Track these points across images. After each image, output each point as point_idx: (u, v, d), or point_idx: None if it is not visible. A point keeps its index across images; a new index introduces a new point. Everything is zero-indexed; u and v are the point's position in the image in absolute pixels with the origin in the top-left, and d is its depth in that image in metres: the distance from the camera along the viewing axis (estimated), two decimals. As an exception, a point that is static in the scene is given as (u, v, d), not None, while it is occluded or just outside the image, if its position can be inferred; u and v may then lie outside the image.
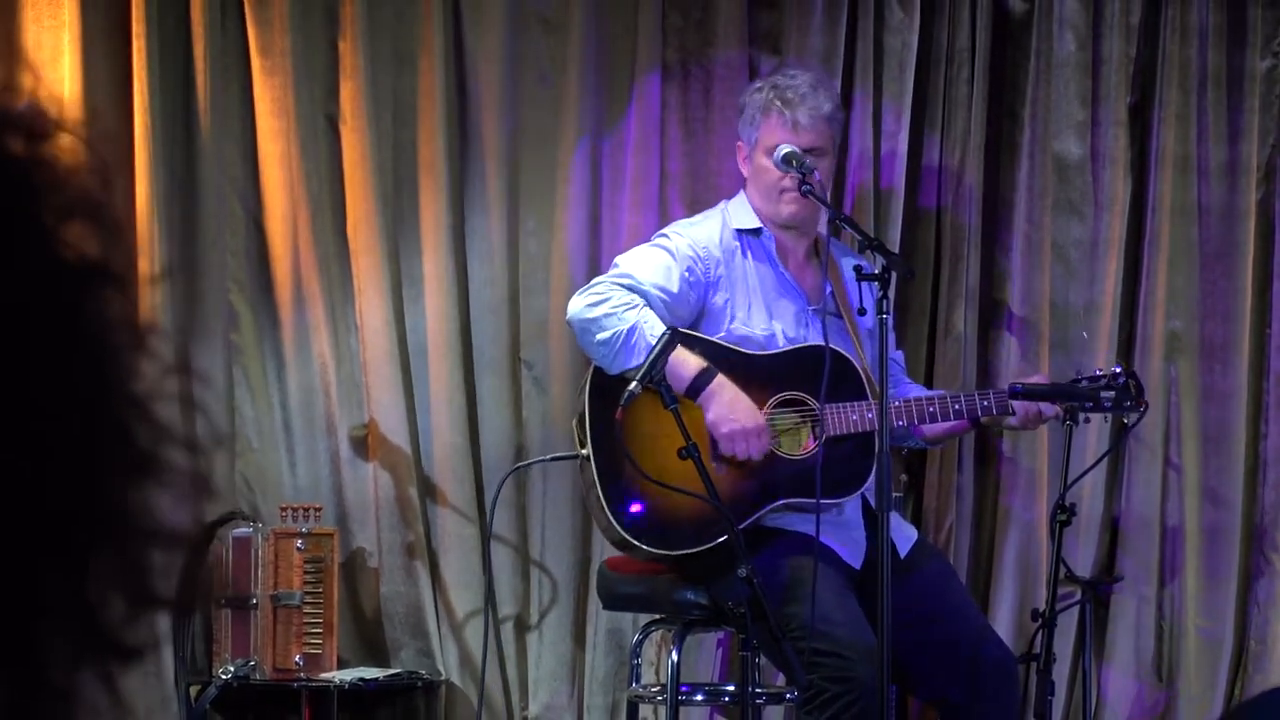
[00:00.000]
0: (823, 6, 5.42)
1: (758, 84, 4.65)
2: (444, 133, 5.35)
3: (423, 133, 5.38)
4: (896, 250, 5.26)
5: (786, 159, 4.39)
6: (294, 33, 5.32)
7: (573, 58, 5.40)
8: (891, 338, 4.72)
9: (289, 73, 5.31)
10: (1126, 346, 5.45)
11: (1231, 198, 5.47)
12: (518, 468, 5.15)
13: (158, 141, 5.19)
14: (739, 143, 4.61)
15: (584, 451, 4.33)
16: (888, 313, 4.14)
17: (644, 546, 4.32)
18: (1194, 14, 5.46)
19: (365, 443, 5.36)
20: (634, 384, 3.96)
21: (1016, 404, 4.38)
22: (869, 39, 5.42)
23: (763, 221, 4.52)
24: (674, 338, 4.04)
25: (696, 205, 5.21)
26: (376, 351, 5.33)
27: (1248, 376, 5.44)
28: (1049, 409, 4.41)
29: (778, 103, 4.48)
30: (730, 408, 4.29)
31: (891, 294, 4.22)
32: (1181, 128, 5.47)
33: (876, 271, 4.17)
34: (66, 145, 0.99)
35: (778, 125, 4.47)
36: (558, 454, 4.81)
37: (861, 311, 4.32)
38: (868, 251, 4.33)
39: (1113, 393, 4.44)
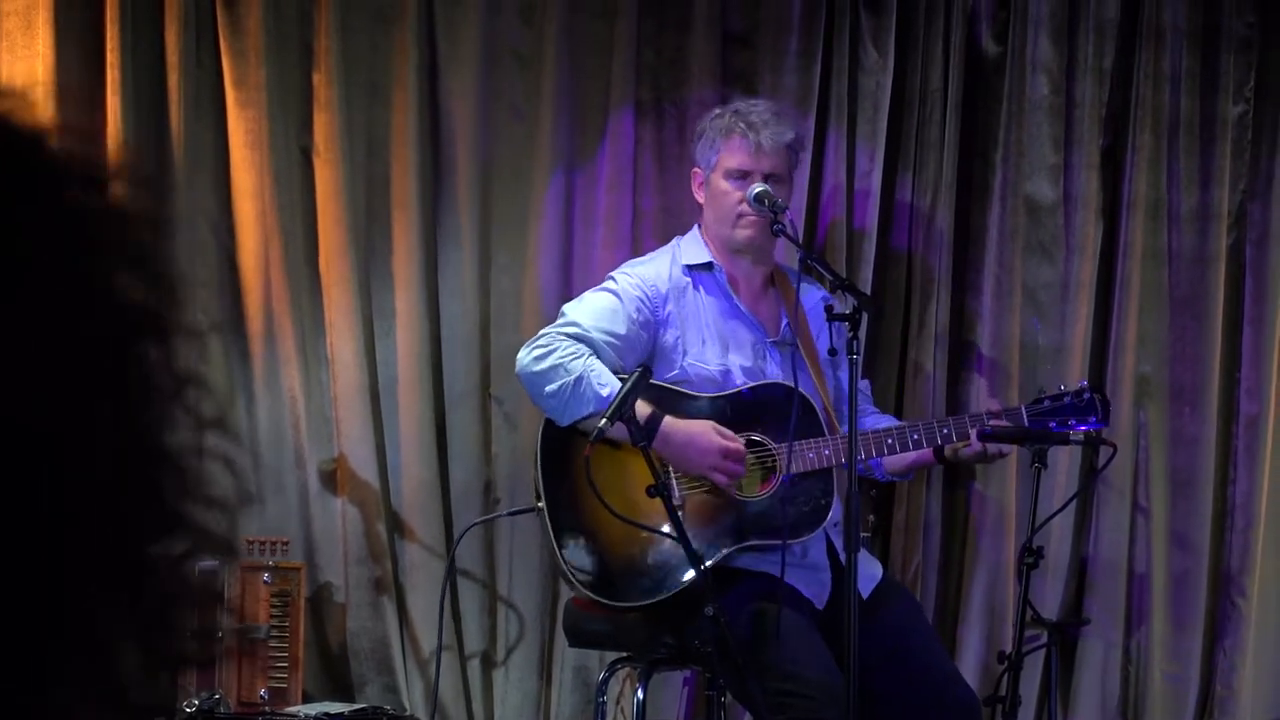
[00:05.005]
0: (797, 47, 5.43)
1: (717, 110, 4.60)
2: (417, 167, 5.35)
3: (396, 166, 5.37)
4: (868, 290, 5.26)
5: (759, 198, 4.37)
6: (269, 65, 5.32)
7: (546, 94, 5.40)
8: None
9: (263, 105, 5.31)
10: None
11: (1202, 243, 5.48)
12: (475, 524, 5.20)
13: (130, 172, 5.17)
14: (695, 169, 4.58)
15: (539, 505, 4.28)
16: (858, 354, 4.11)
17: (605, 601, 4.28)
18: (1167, 59, 5.48)
19: (334, 477, 5.34)
20: (604, 420, 3.92)
21: (972, 430, 4.37)
22: (843, 79, 5.43)
23: (715, 254, 4.50)
24: (645, 374, 4.02)
25: (669, 242, 5.20)
26: (347, 385, 5.32)
27: (1217, 421, 5.45)
28: (1008, 445, 4.40)
29: (741, 125, 4.45)
30: (686, 446, 4.24)
31: (862, 334, 4.21)
32: (1153, 172, 5.48)
33: (848, 312, 4.15)
34: (120, 194, 0.99)
35: (740, 148, 4.44)
36: (516, 509, 4.84)
37: (832, 352, 4.29)
38: (838, 291, 4.30)
39: (1081, 425, 4.44)
